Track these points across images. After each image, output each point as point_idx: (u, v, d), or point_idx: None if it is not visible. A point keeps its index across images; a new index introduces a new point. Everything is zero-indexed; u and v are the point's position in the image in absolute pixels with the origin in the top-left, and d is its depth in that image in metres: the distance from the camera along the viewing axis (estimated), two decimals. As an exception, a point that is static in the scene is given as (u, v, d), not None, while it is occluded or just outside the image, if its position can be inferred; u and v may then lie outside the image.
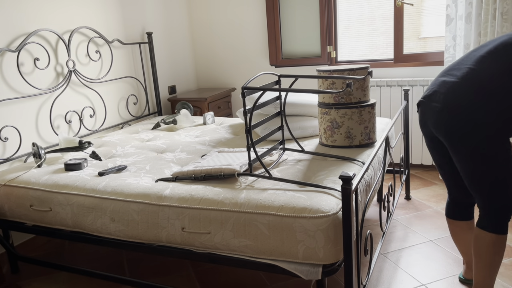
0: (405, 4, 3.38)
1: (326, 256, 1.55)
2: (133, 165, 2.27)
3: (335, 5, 3.68)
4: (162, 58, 3.85)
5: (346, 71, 2.15)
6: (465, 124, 1.56)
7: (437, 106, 1.65)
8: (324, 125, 2.27)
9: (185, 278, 2.23)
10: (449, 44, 3.08)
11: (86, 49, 3.05)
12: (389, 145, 2.29)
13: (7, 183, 2.20)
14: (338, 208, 1.57)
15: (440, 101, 1.64)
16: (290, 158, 2.16)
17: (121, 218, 1.88)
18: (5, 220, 2.27)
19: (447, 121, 1.61)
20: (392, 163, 2.33)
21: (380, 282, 2.08)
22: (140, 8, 3.56)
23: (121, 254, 2.52)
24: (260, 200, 1.66)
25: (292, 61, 3.85)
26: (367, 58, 3.80)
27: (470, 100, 1.56)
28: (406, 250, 2.34)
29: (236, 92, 4.23)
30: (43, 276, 2.34)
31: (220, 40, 4.17)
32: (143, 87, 3.60)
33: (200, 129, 3.02)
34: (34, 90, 2.67)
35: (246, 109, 1.82)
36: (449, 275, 2.09)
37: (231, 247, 1.69)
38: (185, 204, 1.76)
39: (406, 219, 2.70)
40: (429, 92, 1.72)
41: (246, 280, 2.17)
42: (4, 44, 2.50)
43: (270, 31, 3.85)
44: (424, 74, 3.43)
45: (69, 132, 2.93)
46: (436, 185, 3.23)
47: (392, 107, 3.49)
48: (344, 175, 1.38)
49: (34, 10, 2.67)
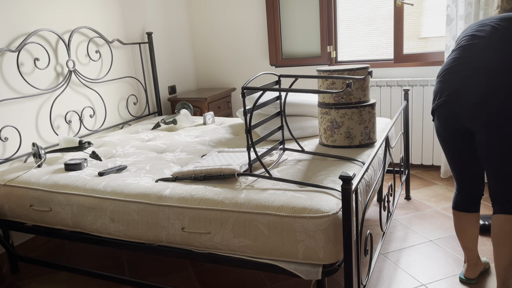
0: (405, 4, 3.38)
1: (326, 256, 1.55)
2: (133, 165, 2.27)
3: (335, 5, 3.68)
4: (162, 58, 3.85)
5: (346, 71, 2.15)
6: (506, 110, 1.63)
7: (472, 98, 1.68)
8: (324, 125, 2.27)
9: (185, 278, 2.23)
10: (449, 44, 3.08)
11: (86, 49, 3.05)
12: (389, 145, 2.29)
13: (7, 183, 2.20)
14: (338, 208, 1.57)
15: (476, 93, 1.67)
16: (290, 158, 2.16)
17: (121, 218, 1.88)
18: (5, 220, 2.27)
19: (489, 109, 1.66)
20: (392, 163, 2.33)
21: (380, 282, 2.08)
22: (140, 8, 3.56)
23: (121, 254, 2.52)
24: (260, 200, 1.66)
25: (292, 61, 3.85)
26: (367, 58, 3.80)
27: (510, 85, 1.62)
28: (406, 250, 2.34)
29: (236, 92, 4.23)
30: (43, 276, 2.34)
31: (220, 40, 4.17)
32: (143, 87, 3.60)
33: (200, 129, 3.02)
34: (34, 90, 2.67)
35: (246, 109, 1.82)
36: (449, 275, 2.09)
37: (231, 247, 1.69)
38: (185, 204, 1.76)
39: (406, 219, 2.70)
40: (453, 89, 1.74)
41: (246, 280, 2.17)
42: (4, 44, 2.50)
43: (270, 31, 3.85)
44: (424, 74, 3.43)
45: (69, 132, 2.93)
46: (436, 185, 3.23)
47: (392, 107, 3.49)
48: (344, 175, 1.38)
49: (34, 10, 2.67)
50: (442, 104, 1.80)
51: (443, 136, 1.89)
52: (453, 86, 1.75)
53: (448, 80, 1.78)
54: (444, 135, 1.87)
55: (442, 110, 1.81)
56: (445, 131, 1.86)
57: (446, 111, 1.79)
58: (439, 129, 1.89)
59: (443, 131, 1.87)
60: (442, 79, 1.82)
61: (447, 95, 1.77)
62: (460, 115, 1.75)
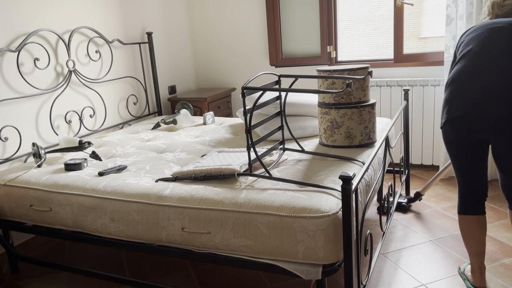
0: (405, 4, 3.38)
1: (326, 256, 1.55)
2: (133, 165, 2.27)
3: (335, 5, 3.68)
4: (162, 58, 3.85)
5: (346, 71, 2.15)
6: None
7: (495, 111, 1.67)
8: (324, 125, 2.27)
9: (185, 278, 2.23)
10: (449, 44, 3.08)
11: (86, 49, 3.05)
12: (389, 145, 2.29)
13: (7, 183, 2.20)
14: (338, 208, 1.57)
15: (499, 105, 1.67)
16: (290, 158, 2.16)
17: (121, 218, 1.88)
18: (5, 220, 2.27)
19: None
20: (392, 163, 2.33)
21: (380, 282, 2.07)
22: (140, 8, 3.56)
23: (121, 254, 2.52)
24: (260, 200, 1.66)
25: (292, 61, 3.85)
26: (367, 58, 3.80)
27: None
28: (406, 250, 2.34)
29: (236, 92, 4.23)
30: (43, 276, 2.34)
31: (220, 40, 4.17)
32: (143, 87, 3.60)
33: (200, 129, 3.02)
34: (34, 90, 2.67)
35: (246, 109, 1.82)
36: (449, 275, 2.09)
37: (231, 247, 1.69)
38: (185, 204, 1.76)
39: (406, 219, 2.70)
40: (473, 102, 1.72)
41: (246, 280, 2.17)
42: (4, 44, 2.50)
43: (270, 31, 3.85)
44: (424, 74, 3.43)
45: (69, 132, 2.93)
46: (436, 185, 3.23)
47: (392, 107, 3.49)
48: (344, 175, 1.38)
49: (34, 10, 2.67)
50: (459, 116, 1.76)
51: (455, 145, 1.85)
52: (471, 97, 1.72)
53: (463, 91, 1.75)
54: (457, 145, 1.84)
55: (457, 122, 1.78)
56: (459, 141, 1.82)
57: (462, 122, 1.76)
58: (452, 138, 1.84)
59: (457, 140, 1.83)
60: (454, 88, 1.78)
61: (464, 107, 1.74)
62: (480, 127, 1.73)
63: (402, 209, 2.83)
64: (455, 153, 1.88)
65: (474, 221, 1.91)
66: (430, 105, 3.37)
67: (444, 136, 1.89)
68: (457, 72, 1.81)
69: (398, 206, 2.84)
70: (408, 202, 2.84)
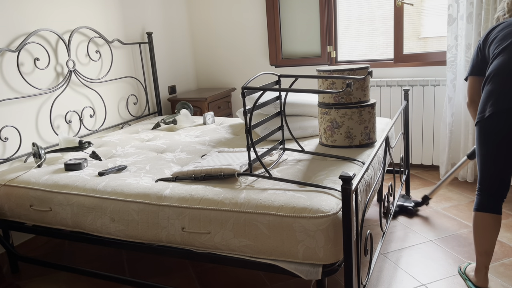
0: (405, 4, 3.38)
1: (326, 256, 1.55)
2: (133, 165, 2.27)
3: (335, 5, 3.68)
4: (162, 58, 3.85)
5: (346, 71, 2.15)
6: None
7: None
8: (324, 125, 2.27)
9: (185, 278, 2.23)
10: (451, 44, 3.08)
11: (86, 49, 3.05)
12: (389, 145, 2.29)
13: (7, 183, 2.20)
14: (338, 208, 1.57)
15: None
16: (290, 158, 2.16)
17: (121, 218, 1.88)
18: (5, 220, 2.27)
19: None
20: (392, 163, 2.33)
21: (380, 282, 2.07)
22: (140, 8, 3.56)
23: (121, 254, 2.52)
24: (260, 200, 1.66)
25: (292, 61, 3.85)
26: (367, 58, 3.80)
27: None
28: (406, 250, 2.33)
29: (236, 92, 4.23)
30: (43, 276, 2.34)
31: (220, 40, 4.17)
32: (143, 87, 3.60)
33: (200, 129, 3.02)
34: (34, 90, 2.67)
35: (246, 109, 1.82)
36: (449, 275, 2.09)
37: (231, 247, 1.69)
38: (185, 204, 1.76)
39: (406, 219, 2.70)
40: None
41: (246, 280, 2.16)
42: (4, 44, 2.50)
43: (270, 31, 3.85)
44: (424, 74, 3.43)
45: (69, 132, 2.93)
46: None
47: (392, 107, 3.49)
48: (344, 175, 1.38)
49: (34, 10, 2.67)
50: (509, 109, 1.74)
51: (493, 140, 1.81)
52: None
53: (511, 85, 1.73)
54: (497, 140, 1.80)
55: (505, 115, 1.75)
56: (502, 135, 1.78)
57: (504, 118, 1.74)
58: (494, 131, 1.80)
59: (499, 134, 1.79)
60: (500, 81, 1.76)
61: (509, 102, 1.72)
62: None
63: (408, 213, 2.75)
64: (490, 149, 1.82)
65: (491, 220, 1.89)
66: (430, 105, 3.37)
67: (483, 129, 1.83)
68: (500, 65, 1.77)
69: (404, 210, 2.77)
70: (415, 206, 2.78)
